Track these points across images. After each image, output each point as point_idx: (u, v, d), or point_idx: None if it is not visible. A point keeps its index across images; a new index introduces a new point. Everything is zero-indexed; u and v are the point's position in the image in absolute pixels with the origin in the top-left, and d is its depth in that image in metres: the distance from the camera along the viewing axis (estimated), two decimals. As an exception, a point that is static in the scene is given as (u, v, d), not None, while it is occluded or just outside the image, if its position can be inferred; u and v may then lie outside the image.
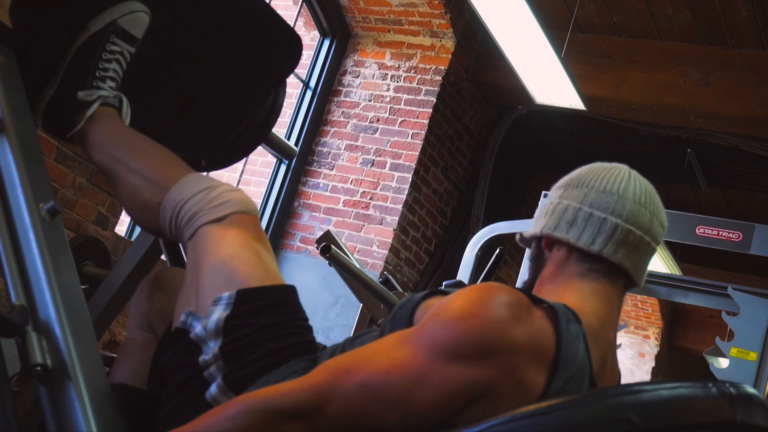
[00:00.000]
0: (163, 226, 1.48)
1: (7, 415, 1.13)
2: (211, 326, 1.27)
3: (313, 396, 1.03)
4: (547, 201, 1.32)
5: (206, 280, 1.33)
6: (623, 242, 1.22)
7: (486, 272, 2.91)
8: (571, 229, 1.24)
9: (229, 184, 1.48)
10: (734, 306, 3.84)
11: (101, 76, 1.62)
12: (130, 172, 1.53)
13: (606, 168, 1.29)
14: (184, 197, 1.43)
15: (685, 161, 5.40)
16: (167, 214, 1.45)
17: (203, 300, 1.32)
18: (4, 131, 1.37)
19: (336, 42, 5.45)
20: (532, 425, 0.96)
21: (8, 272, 1.24)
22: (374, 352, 1.07)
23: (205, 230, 1.39)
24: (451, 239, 5.66)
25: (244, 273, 1.32)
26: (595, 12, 5.00)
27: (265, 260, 1.37)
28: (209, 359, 1.26)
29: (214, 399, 1.23)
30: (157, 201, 1.47)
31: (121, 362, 1.55)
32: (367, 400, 1.02)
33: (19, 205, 1.30)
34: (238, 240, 1.37)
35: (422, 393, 1.02)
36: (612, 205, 1.23)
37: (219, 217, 1.39)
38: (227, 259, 1.34)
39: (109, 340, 3.89)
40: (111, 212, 3.85)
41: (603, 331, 1.19)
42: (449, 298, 1.09)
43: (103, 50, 1.62)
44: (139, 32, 1.65)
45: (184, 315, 1.33)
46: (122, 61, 1.64)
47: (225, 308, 1.29)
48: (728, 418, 1.00)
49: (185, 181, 1.47)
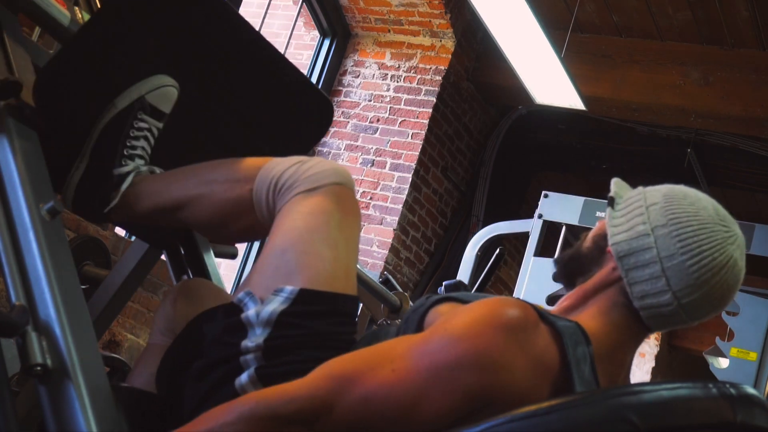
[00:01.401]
0: (259, 212, 1.40)
1: (7, 415, 1.13)
2: (264, 315, 1.24)
3: (316, 404, 1.03)
4: (642, 212, 1.21)
5: (272, 262, 1.29)
6: (666, 317, 1.19)
7: (486, 272, 2.91)
8: (635, 271, 1.19)
9: (321, 157, 1.41)
10: (734, 306, 3.84)
11: (130, 154, 1.54)
12: (208, 185, 1.45)
13: (711, 232, 1.18)
14: (278, 172, 1.36)
15: (685, 161, 5.40)
16: (262, 196, 1.38)
17: (266, 283, 1.28)
18: (4, 131, 1.37)
19: (336, 42, 5.45)
20: (532, 425, 0.96)
21: (8, 272, 1.24)
22: (379, 360, 1.06)
23: (294, 201, 1.32)
24: (451, 239, 5.66)
25: (313, 267, 1.27)
26: (595, 12, 5.00)
27: (338, 253, 1.30)
28: (251, 346, 1.23)
29: (242, 388, 1.21)
30: (248, 189, 1.39)
31: (140, 366, 1.53)
32: (369, 414, 1.03)
33: (19, 205, 1.30)
34: (319, 220, 1.30)
35: (424, 409, 1.02)
36: (682, 286, 1.17)
37: (313, 187, 1.32)
38: (298, 244, 1.28)
39: (109, 340, 3.89)
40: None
41: (615, 354, 1.19)
42: (458, 313, 1.09)
43: (131, 127, 1.54)
44: (168, 107, 1.57)
45: (243, 293, 1.28)
46: (150, 138, 1.57)
47: (284, 302, 1.24)
48: (728, 418, 1.00)
49: (273, 163, 1.40)
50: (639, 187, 1.29)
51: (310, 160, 1.37)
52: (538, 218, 4.32)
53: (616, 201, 1.26)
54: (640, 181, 1.33)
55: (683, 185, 1.26)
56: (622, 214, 1.24)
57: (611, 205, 1.26)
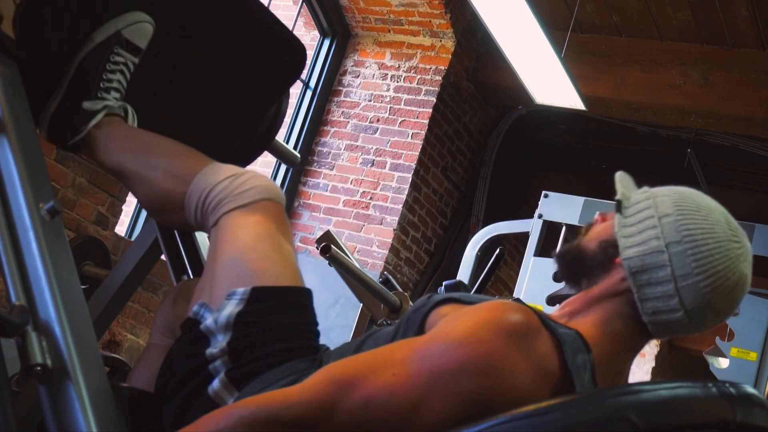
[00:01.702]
0: (188, 217, 1.46)
1: (7, 415, 1.13)
2: (222, 320, 1.27)
3: (316, 408, 1.03)
4: (655, 224, 1.17)
5: (222, 272, 1.33)
6: (673, 329, 1.19)
7: (486, 272, 2.91)
8: (648, 287, 1.16)
9: (254, 171, 1.47)
10: (734, 306, 3.83)
11: (106, 87, 1.61)
12: (150, 168, 1.52)
13: (725, 251, 1.16)
14: (210, 185, 1.42)
15: (685, 161, 5.40)
16: (193, 203, 1.44)
17: (217, 292, 1.31)
18: (4, 131, 1.37)
19: (336, 42, 5.45)
20: (531, 425, 0.96)
21: (8, 272, 1.24)
22: (380, 363, 1.07)
23: (229, 217, 1.38)
24: (451, 239, 5.66)
25: (260, 268, 1.31)
26: (595, 12, 5.00)
27: (284, 255, 1.36)
28: (216, 352, 1.26)
29: (216, 393, 1.23)
30: (181, 191, 1.46)
31: (140, 366, 1.56)
32: (369, 418, 1.03)
33: (19, 205, 1.30)
34: (259, 230, 1.36)
35: (424, 413, 1.02)
36: (695, 305, 1.15)
37: (244, 203, 1.38)
38: (245, 251, 1.33)
39: (109, 340, 3.89)
40: (111, 212, 3.85)
41: (615, 362, 1.18)
42: (460, 316, 1.09)
43: (108, 61, 1.61)
44: (143, 43, 1.64)
45: (197, 305, 1.32)
46: (126, 72, 1.63)
47: (238, 304, 1.28)
48: (728, 418, 1.00)
49: (209, 170, 1.45)
50: (644, 187, 1.26)
51: (243, 175, 1.43)
52: (538, 218, 4.32)
53: (624, 205, 1.22)
54: (640, 181, 1.31)
55: (690, 188, 1.23)
56: (632, 222, 1.20)
57: (619, 209, 1.22)
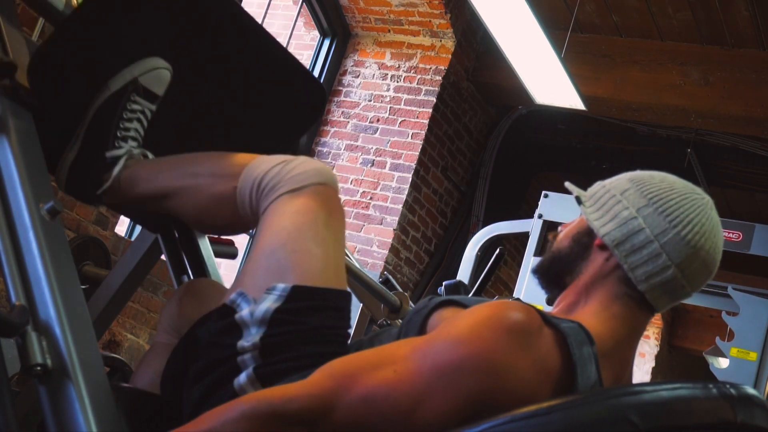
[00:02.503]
0: (243, 211, 1.41)
1: (7, 415, 1.13)
2: (259, 314, 1.25)
3: (317, 403, 1.02)
4: (619, 200, 1.23)
5: (263, 262, 1.30)
6: (671, 291, 1.20)
7: (486, 272, 2.91)
8: (633, 255, 1.19)
9: (306, 156, 1.43)
10: (734, 306, 3.84)
11: (123, 136, 1.57)
12: (195, 177, 1.47)
13: (692, 201, 1.21)
14: (262, 171, 1.38)
15: (685, 161, 5.40)
16: (246, 194, 1.39)
17: (258, 283, 1.28)
18: (4, 131, 1.37)
19: (336, 42, 5.45)
20: (532, 425, 0.96)
21: (8, 272, 1.24)
22: (381, 361, 1.06)
23: (278, 203, 1.34)
24: (451, 239, 5.66)
25: (303, 263, 1.28)
26: (595, 12, 5.00)
27: (327, 249, 1.32)
28: (248, 346, 1.23)
29: (241, 388, 1.21)
30: (232, 186, 1.42)
31: (144, 365, 1.54)
32: (370, 414, 1.02)
33: (19, 205, 1.30)
34: (304, 219, 1.32)
35: (425, 410, 1.02)
36: (683, 257, 1.18)
37: (296, 187, 1.34)
38: (288, 242, 1.29)
39: (109, 340, 3.89)
40: (111, 212, 3.85)
41: (619, 351, 1.18)
42: (461, 316, 1.09)
43: (124, 109, 1.56)
44: (161, 90, 1.59)
45: (236, 294, 1.29)
46: (143, 120, 1.59)
47: (277, 299, 1.25)
48: (729, 419, 1.00)
49: (258, 161, 1.41)
50: (595, 183, 1.31)
51: (294, 160, 1.38)
52: (538, 218, 4.32)
53: (582, 199, 1.28)
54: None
55: (637, 170, 1.29)
56: (596, 208, 1.25)
57: (580, 203, 1.28)
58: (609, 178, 1.30)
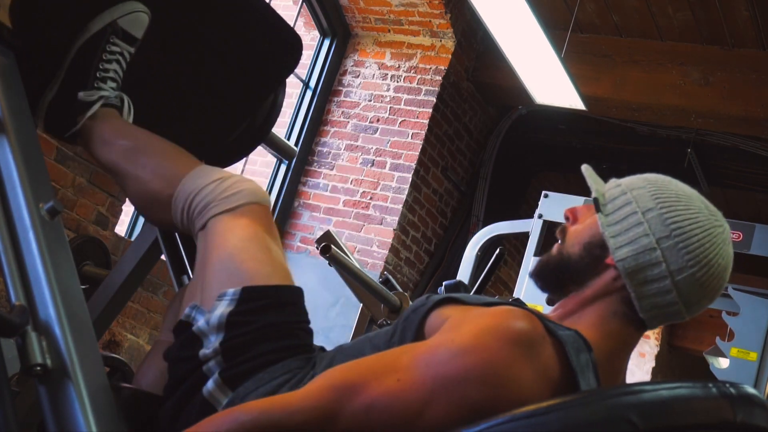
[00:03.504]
0: (175, 218, 1.48)
1: (7, 415, 1.13)
2: (214, 321, 1.28)
3: (319, 414, 1.02)
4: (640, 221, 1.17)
5: (213, 274, 1.34)
6: (669, 319, 1.20)
7: (486, 272, 2.91)
8: (644, 286, 1.16)
9: (240, 175, 1.49)
10: (734, 306, 3.84)
11: (102, 77, 1.62)
12: (139, 167, 1.53)
13: (713, 238, 1.17)
14: (196, 188, 1.43)
15: (685, 161, 5.39)
16: (179, 205, 1.45)
17: (208, 293, 1.32)
18: (4, 131, 1.37)
19: (336, 42, 5.45)
20: (532, 425, 0.96)
21: (8, 272, 1.24)
22: (383, 369, 1.06)
23: (216, 221, 1.39)
24: (451, 239, 5.66)
25: (250, 269, 1.32)
26: (595, 12, 5.00)
27: (273, 255, 1.37)
28: (209, 353, 1.26)
29: (210, 394, 1.23)
30: (168, 193, 1.48)
31: (147, 363, 1.56)
32: (372, 423, 1.02)
33: (19, 205, 1.30)
34: (247, 232, 1.37)
35: (427, 419, 1.02)
36: (692, 296, 1.17)
37: (230, 207, 1.40)
38: (235, 253, 1.34)
39: (109, 340, 3.89)
40: (111, 212, 3.85)
41: (612, 361, 1.18)
42: (465, 322, 1.09)
43: (104, 51, 1.62)
44: (139, 32, 1.65)
45: (189, 308, 1.33)
46: (122, 62, 1.64)
47: (229, 304, 1.29)
48: (728, 418, 1.00)
49: (197, 173, 1.47)
50: (613, 179, 1.25)
51: (229, 179, 1.44)
52: (538, 218, 4.32)
53: (600, 201, 1.22)
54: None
55: (660, 175, 1.23)
56: (616, 220, 1.19)
57: (598, 208, 1.21)
58: (627, 180, 1.24)
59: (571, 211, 1.27)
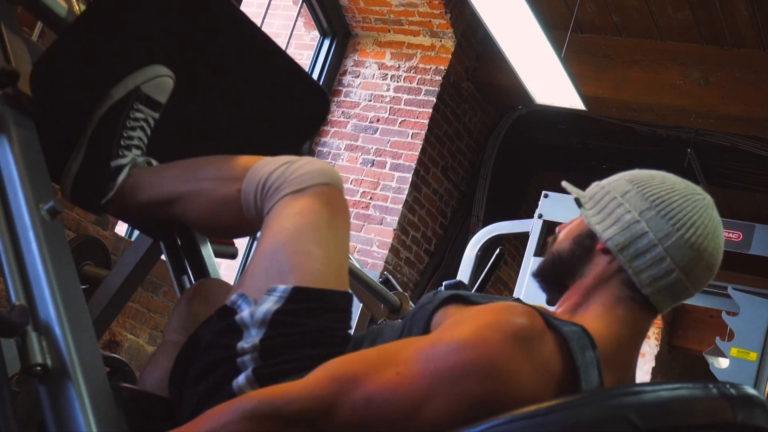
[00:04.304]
0: (248, 213, 1.41)
1: (7, 415, 1.13)
2: (259, 315, 1.24)
3: (318, 404, 1.02)
4: (620, 202, 1.22)
5: (264, 263, 1.30)
6: (674, 293, 1.20)
7: (486, 272, 2.91)
8: (637, 259, 1.18)
9: (310, 157, 1.43)
10: (734, 306, 3.84)
11: (126, 145, 1.56)
12: (199, 181, 1.47)
13: (693, 202, 1.20)
14: (265, 174, 1.37)
15: (685, 161, 5.40)
16: (250, 196, 1.39)
17: (258, 285, 1.28)
18: (4, 131, 1.37)
19: (336, 42, 5.45)
20: (532, 426, 0.96)
21: (8, 272, 1.24)
22: (384, 362, 1.06)
23: (281, 204, 1.33)
24: (451, 239, 5.66)
25: (304, 266, 1.28)
26: (595, 12, 5.00)
27: (328, 250, 1.31)
28: (247, 347, 1.23)
29: (240, 389, 1.21)
30: (236, 188, 1.41)
31: (152, 363, 1.54)
32: (372, 415, 1.02)
33: (19, 205, 1.30)
34: (305, 220, 1.31)
35: (426, 413, 1.02)
36: (687, 260, 1.18)
37: (297, 189, 1.33)
38: (288, 244, 1.29)
39: (109, 340, 3.89)
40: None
41: (621, 354, 1.18)
42: (466, 319, 1.09)
43: (127, 117, 1.56)
44: (163, 98, 1.58)
45: (237, 295, 1.29)
46: (146, 128, 1.58)
47: (277, 301, 1.25)
48: (729, 419, 1.00)
49: (262, 162, 1.41)
50: (592, 184, 1.30)
51: (298, 161, 1.37)
52: (538, 218, 4.32)
53: (582, 201, 1.27)
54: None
55: (635, 169, 1.27)
56: (597, 210, 1.24)
57: (580, 205, 1.26)
58: (606, 179, 1.29)
59: (561, 227, 1.33)
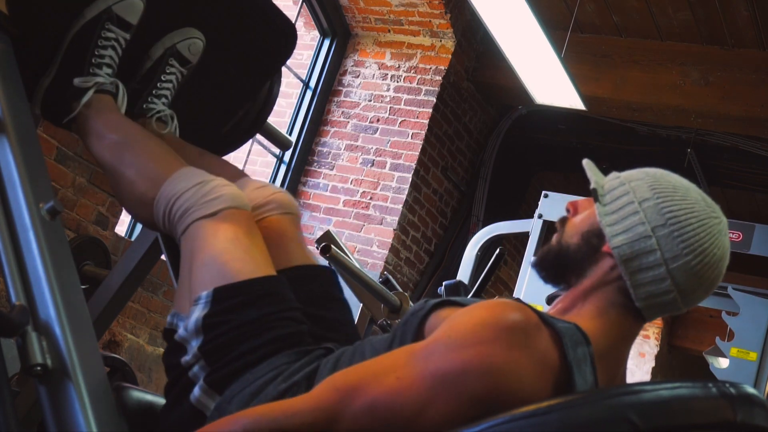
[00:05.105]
0: (157, 221, 1.49)
1: (7, 415, 1.13)
2: (191, 326, 1.28)
3: (321, 416, 1.02)
4: (636, 210, 1.19)
5: (195, 278, 1.34)
6: (666, 309, 1.20)
7: (486, 272, 2.91)
8: (639, 273, 1.17)
9: (222, 178, 1.49)
10: (734, 306, 3.84)
11: (98, 63, 1.65)
12: (126, 166, 1.55)
13: (708, 228, 1.18)
14: (177, 192, 1.44)
15: (685, 161, 5.40)
16: (161, 209, 1.46)
17: (186, 301, 1.33)
18: (4, 131, 1.37)
19: (336, 42, 5.45)
20: (531, 425, 0.96)
21: (8, 272, 1.24)
22: (383, 369, 1.06)
23: (197, 226, 1.39)
24: (451, 239, 5.66)
25: (223, 270, 1.32)
26: (595, 12, 5.00)
27: (254, 256, 1.36)
28: (191, 359, 1.27)
29: (198, 401, 1.23)
30: (151, 196, 1.48)
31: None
32: (375, 422, 1.02)
33: (19, 205, 1.30)
34: (228, 236, 1.37)
35: (429, 415, 1.02)
36: (687, 285, 1.17)
37: (211, 212, 1.40)
38: (216, 256, 1.34)
39: (109, 340, 3.89)
40: (111, 212, 3.85)
41: (613, 352, 1.18)
42: (459, 317, 1.09)
43: (99, 37, 1.64)
44: (134, 19, 1.67)
45: (170, 315, 1.34)
46: (118, 48, 1.67)
47: (204, 307, 1.28)
48: (728, 418, 1.00)
49: (178, 176, 1.48)
50: (613, 173, 1.26)
51: (210, 182, 1.44)
52: (538, 218, 4.32)
53: (599, 193, 1.23)
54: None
55: (659, 169, 1.24)
56: (613, 210, 1.21)
57: (596, 198, 1.23)
58: (627, 172, 1.25)
59: (572, 203, 1.29)
